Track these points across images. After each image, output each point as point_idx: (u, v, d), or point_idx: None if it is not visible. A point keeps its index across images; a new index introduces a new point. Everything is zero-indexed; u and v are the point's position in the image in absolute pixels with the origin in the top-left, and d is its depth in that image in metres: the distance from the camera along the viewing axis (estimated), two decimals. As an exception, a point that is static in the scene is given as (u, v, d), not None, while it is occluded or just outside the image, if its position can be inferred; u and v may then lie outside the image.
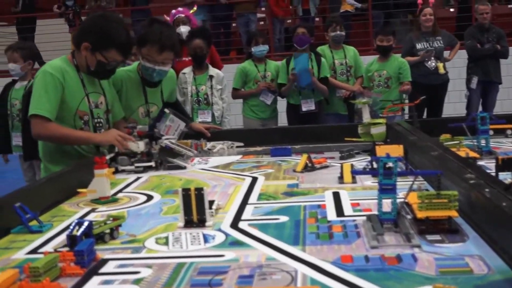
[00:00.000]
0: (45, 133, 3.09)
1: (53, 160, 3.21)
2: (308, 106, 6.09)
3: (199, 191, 1.90)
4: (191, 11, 6.55)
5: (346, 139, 3.39)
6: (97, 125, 3.24)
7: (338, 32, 6.44)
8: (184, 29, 6.10)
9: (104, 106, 3.31)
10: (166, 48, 3.46)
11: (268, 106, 6.21)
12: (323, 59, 6.20)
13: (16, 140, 5.57)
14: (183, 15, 6.27)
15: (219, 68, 6.22)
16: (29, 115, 3.08)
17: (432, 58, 6.96)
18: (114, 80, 3.50)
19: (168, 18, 6.34)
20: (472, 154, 2.81)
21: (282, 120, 6.60)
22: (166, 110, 3.57)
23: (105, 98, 3.32)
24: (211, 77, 5.71)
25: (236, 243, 1.73)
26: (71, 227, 1.71)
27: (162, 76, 3.59)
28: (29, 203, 2.04)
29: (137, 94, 3.63)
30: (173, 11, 6.33)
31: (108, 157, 2.81)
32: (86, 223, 1.72)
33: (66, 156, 3.18)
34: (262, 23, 14.01)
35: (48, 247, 1.79)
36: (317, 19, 13.66)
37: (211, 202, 2.07)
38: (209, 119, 5.62)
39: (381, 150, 2.68)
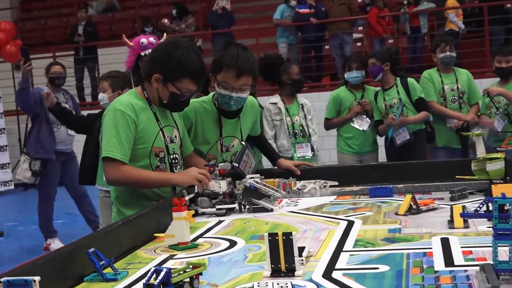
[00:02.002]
0: (120, 178, 3.17)
1: (128, 204, 3.28)
2: (402, 137, 6.02)
3: (288, 237, 1.93)
4: (161, 40, 6.05)
5: (457, 177, 3.35)
6: (173, 161, 3.30)
7: (448, 53, 6.34)
8: None
9: (178, 140, 3.37)
10: (244, 72, 3.44)
11: (365, 137, 6.19)
12: (409, 80, 6.14)
13: None
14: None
15: None
16: (101, 158, 3.19)
17: None
18: (187, 112, 3.54)
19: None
20: None
21: (383, 155, 6.55)
22: (243, 143, 3.63)
23: (178, 132, 3.38)
24: (302, 106, 5.76)
25: (329, 295, 1.76)
26: (149, 275, 1.79)
27: (240, 104, 3.59)
28: (103, 248, 2.14)
29: (214, 127, 3.65)
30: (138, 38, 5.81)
31: (187, 198, 2.88)
32: (164, 271, 1.78)
33: (142, 198, 3.25)
34: (359, 44, 13.99)
35: (124, 297, 1.89)
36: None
37: (301, 249, 2.09)
38: (309, 153, 5.62)
39: (498, 190, 2.65)
